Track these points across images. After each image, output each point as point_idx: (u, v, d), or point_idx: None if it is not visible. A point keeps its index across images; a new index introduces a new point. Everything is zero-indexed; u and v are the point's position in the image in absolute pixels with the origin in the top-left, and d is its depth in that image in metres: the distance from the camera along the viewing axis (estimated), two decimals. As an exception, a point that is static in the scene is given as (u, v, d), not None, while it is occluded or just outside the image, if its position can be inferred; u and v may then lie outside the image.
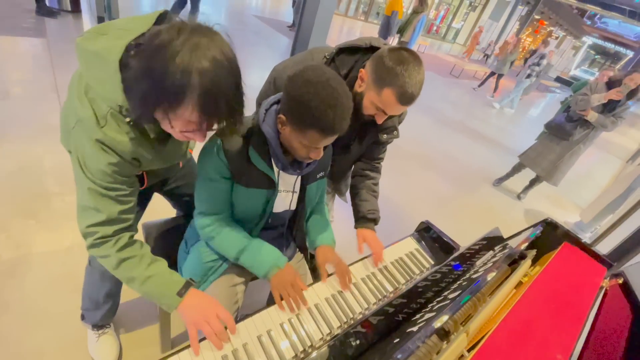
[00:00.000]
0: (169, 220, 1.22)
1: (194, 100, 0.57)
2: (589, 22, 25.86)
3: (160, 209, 1.27)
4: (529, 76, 6.91)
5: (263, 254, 0.89)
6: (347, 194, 1.36)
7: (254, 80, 2.27)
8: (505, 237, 1.15)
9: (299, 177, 0.93)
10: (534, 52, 8.51)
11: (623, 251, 1.24)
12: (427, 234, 1.24)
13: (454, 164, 3.94)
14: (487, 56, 16.28)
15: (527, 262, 0.85)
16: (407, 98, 0.88)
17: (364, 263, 1.06)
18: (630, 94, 2.77)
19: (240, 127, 0.69)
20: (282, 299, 0.85)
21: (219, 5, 8.52)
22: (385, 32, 5.74)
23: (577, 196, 4.24)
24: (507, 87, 9.53)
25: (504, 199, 3.52)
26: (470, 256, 0.96)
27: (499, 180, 3.70)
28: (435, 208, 2.95)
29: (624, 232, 1.65)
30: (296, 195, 0.96)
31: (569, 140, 3.06)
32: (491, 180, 3.76)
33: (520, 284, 0.86)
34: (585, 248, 0.95)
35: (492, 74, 8.14)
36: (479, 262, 0.90)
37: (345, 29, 11.62)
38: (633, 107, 2.52)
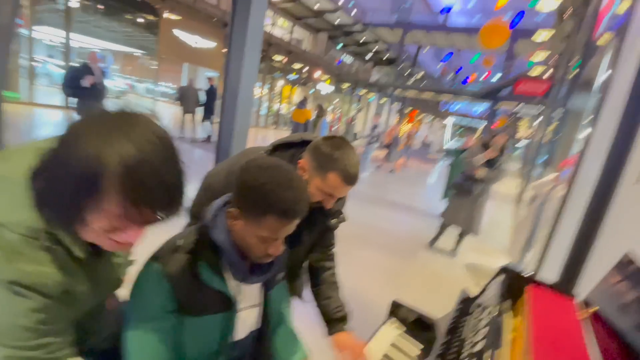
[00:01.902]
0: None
1: (115, 186, 0.45)
2: (444, 108, 33.58)
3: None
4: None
5: None
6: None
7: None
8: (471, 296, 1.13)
9: (262, 286, 0.80)
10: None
11: (570, 275, 1.34)
12: (401, 314, 1.14)
13: (386, 237, 4.12)
14: (374, 137, 19.48)
15: (509, 317, 0.82)
16: (351, 178, 0.90)
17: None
18: (501, 150, 3.47)
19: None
20: None
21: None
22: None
23: (494, 241, 4.72)
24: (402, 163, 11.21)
25: (442, 259, 3.69)
26: (455, 328, 0.89)
27: (432, 241, 3.95)
28: (386, 284, 2.91)
29: (556, 255, 1.84)
30: (258, 310, 0.80)
31: (472, 195, 3.55)
32: (424, 243, 3.99)
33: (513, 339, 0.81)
34: (547, 286, 0.98)
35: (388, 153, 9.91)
36: (466, 331, 0.84)
37: (260, 137, 12.64)
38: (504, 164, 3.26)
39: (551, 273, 1.79)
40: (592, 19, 4.16)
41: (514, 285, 0.97)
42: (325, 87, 19.42)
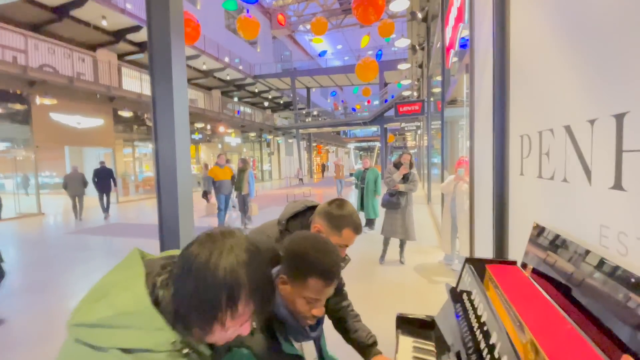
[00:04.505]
0: None
1: (246, 293, 0.60)
2: (344, 136, 36.89)
3: None
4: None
5: None
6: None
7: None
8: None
9: (314, 342, 0.92)
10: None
11: (500, 249, 1.76)
12: (407, 324, 1.36)
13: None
14: (301, 180, 20.18)
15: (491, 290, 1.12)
16: (359, 228, 1.12)
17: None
18: (411, 165, 4.16)
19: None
20: None
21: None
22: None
23: (425, 240, 5.41)
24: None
25: (396, 269, 4.08)
26: (457, 312, 1.15)
27: (381, 258, 4.34)
28: (361, 306, 3.08)
29: (482, 237, 2.33)
30: None
31: (401, 207, 4.11)
32: (374, 261, 4.36)
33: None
34: (497, 261, 1.33)
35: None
36: (468, 311, 1.10)
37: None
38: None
39: (484, 252, 2.27)
40: (440, 52, 5.43)
41: (477, 268, 1.30)
42: (232, 140, 19.49)
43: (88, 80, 11.30)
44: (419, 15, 7.61)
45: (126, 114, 12.34)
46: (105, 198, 9.10)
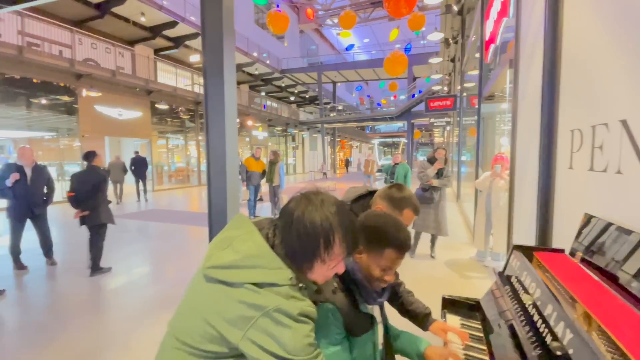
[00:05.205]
0: None
1: (339, 237, 0.75)
2: (368, 131, 36.55)
3: None
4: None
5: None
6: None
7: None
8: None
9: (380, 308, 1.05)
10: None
11: (543, 238, 1.80)
12: (452, 305, 1.45)
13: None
14: (324, 174, 20.33)
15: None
16: (418, 209, 1.24)
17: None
18: (445, 161, 4.17)
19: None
20: None
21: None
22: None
23: (456, 237, 5.39)
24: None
25: (427, 263, 4.13)
26: (507, 292, 1.23)
27: (412, 252, 4.39)
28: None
29: (522, 228, 2.35)
30: (381, 327, 1.04)
31: (433, 202, 4.14)
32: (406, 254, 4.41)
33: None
34: (545, 249, 1.39)
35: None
36: (518, 290, 1.18)
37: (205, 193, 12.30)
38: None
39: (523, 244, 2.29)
40: (476, 46, 5.32)
41: (526, 254, 1.37)
42: (259, 134, 19.91)
43: (128, 74, 11.92)
44: (455, 8, 7.45)
45: (163, 106, 12.93)
46: (141, 185, 10.12)
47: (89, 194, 3.70)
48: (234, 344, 0.72)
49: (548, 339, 0.88)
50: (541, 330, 0.95)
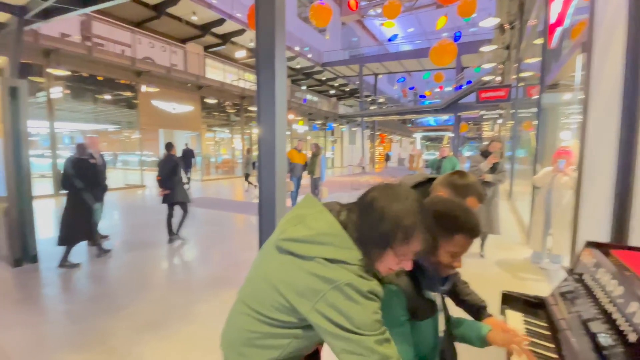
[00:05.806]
0: None
1: (420, 235, 0.74)
2: (410, 125, 35.41)
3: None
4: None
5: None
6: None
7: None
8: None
9: (442, 296, 1.04)
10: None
11: (619, 237, 1.65)
12: (513, 301, 1.40)
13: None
14: (363, 168, 20.12)
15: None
16: (482, 197, 1.20)
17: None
18: (500, 155, 3.93)
19: None
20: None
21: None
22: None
23: (507, 236, 5.08)
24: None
25: (476, 262, 3.95)
26: (579, 290, 1.16)
27: (459, 249, 4.24)
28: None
29: (589, 227, 2.16)
30: (442, 315, 1.03)
31: (486, 198, 3.94)
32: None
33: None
34: (624, 247, 1.29)
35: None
36: (593, 287, 1.10)
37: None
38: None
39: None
40: (537, 31, 4.91)
41: (603, 251, 1.27)
42: (299, 128, 20.18)
43: (180, 70, 12.70)
44: (512, -9, 6.90)
45: (211, 101, 13.62)
46: (187, 174, 10.80)
47: (166, 176, 4.50)
48: (302, 315, 0.76)
49: (632, 337, 0.83)
50: (622, 328, 0.89)
